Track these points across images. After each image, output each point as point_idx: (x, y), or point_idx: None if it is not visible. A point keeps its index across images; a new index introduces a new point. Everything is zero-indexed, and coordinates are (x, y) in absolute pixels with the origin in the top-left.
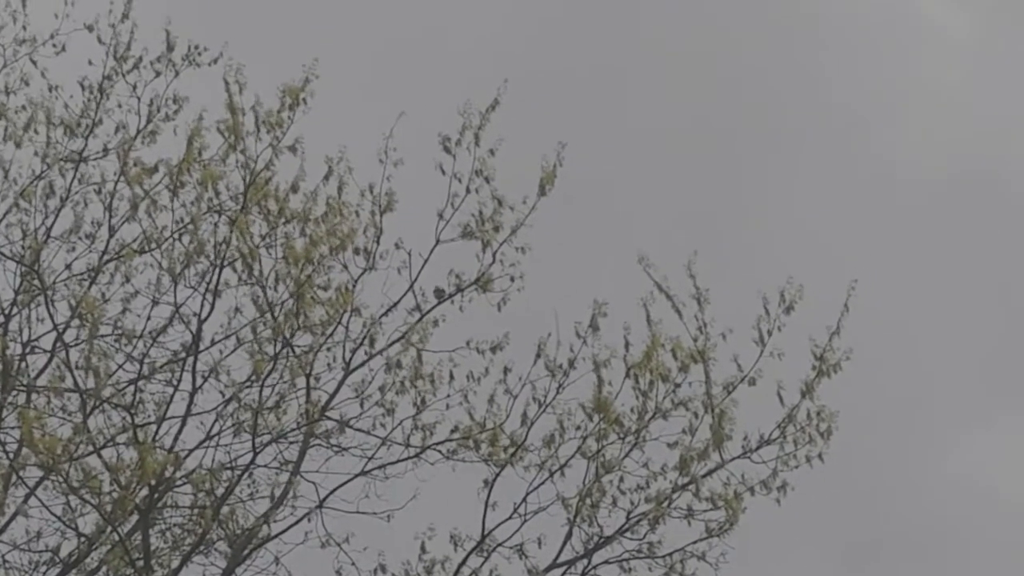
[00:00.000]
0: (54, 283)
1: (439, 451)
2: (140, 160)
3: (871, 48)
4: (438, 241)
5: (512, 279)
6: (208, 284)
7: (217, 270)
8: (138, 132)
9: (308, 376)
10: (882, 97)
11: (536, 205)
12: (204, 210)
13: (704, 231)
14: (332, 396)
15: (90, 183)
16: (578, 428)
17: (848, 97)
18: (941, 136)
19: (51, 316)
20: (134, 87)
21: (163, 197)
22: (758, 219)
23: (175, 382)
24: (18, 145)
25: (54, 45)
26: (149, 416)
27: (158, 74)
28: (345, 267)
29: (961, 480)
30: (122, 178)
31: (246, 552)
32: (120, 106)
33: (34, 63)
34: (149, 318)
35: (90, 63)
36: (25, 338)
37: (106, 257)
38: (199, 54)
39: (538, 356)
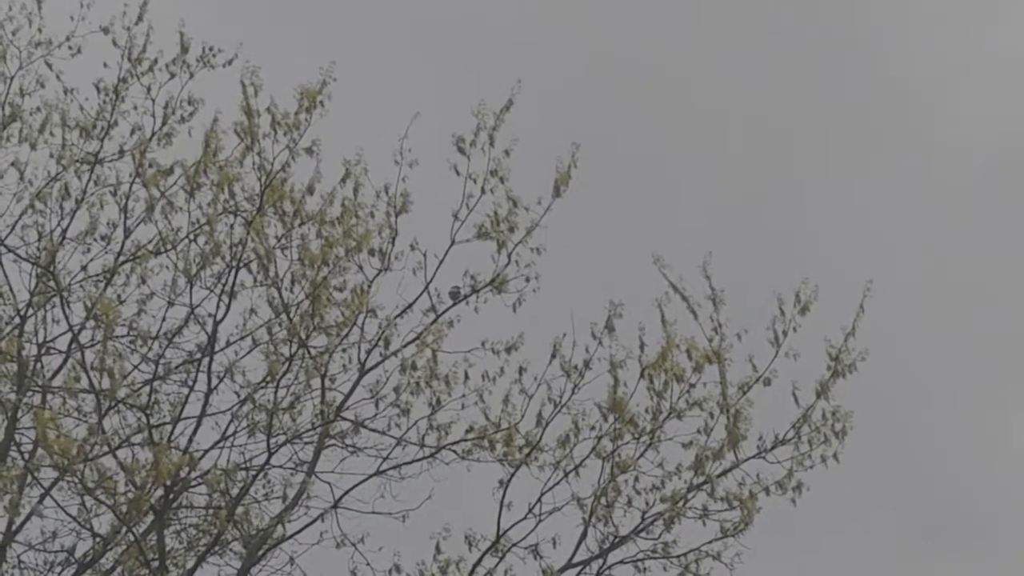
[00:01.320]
0: (69, 285)
1: (454, 451)
2: (156, 162)
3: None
4: (453, 242)
5: (527, 280)
6: (224, 285)
7: (233, 271)
8: (153, 134)
9: (323, 377)
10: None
11: (551, 206)
12: (220, 211)
13: (725, 230)
14: (347, 396)
15: (106, 185)
16: (593, 428)
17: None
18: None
19: (66, 317)
20: (148, 89)
21: (179, 199)
22: (783, 215)
23: (190, 383)
24: (33, 147)
25: (70, 48)
26: (164, 417)
27: (173, 76)
28: (360, 268)
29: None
30: (138, 180)
31: (261, 552)
32: (136, 108)
33: (49, 66)
34: (164, 319)
35: (105, 65)
36: (41, 339)
37: (122, 258)
38: (214, 56)
39: (553, 356)
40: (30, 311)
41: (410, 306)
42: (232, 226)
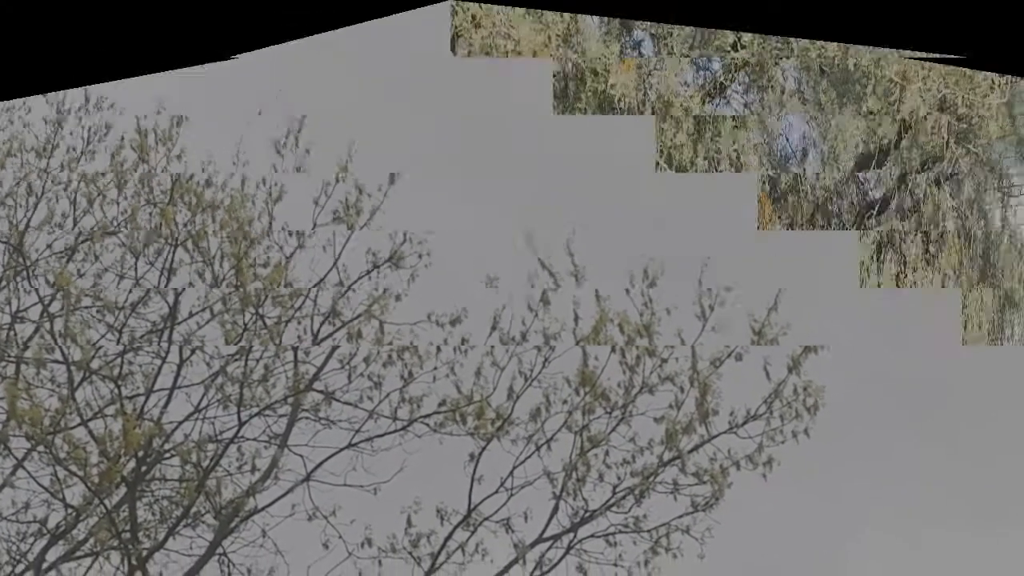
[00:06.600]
0: (36, 261)
1: (426, 424)
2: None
3: None
4: (315, 225)
5: (420, 256)
6: (164, 262)
7: (172, 249)
8: (82, 153)
9: (277, 346)
10: None
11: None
12: (141, 203)
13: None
14: (320, 369)
15: (58, 183)
16: (564, 402)
17: None
18: None
19: (35, 289)
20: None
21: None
22: None
23: (163, 354)
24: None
25: None
26: (138, 388)
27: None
28: (280, 248)
29: None
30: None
31: (233, 525)
32: (71, 134)
33: None
34: (131, 291)
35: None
36: (13, 309)
37: (81, 237)
38: None
39: (493, 328)
40: (2, 283)
41: (321, 281)
42: (151, 215)
